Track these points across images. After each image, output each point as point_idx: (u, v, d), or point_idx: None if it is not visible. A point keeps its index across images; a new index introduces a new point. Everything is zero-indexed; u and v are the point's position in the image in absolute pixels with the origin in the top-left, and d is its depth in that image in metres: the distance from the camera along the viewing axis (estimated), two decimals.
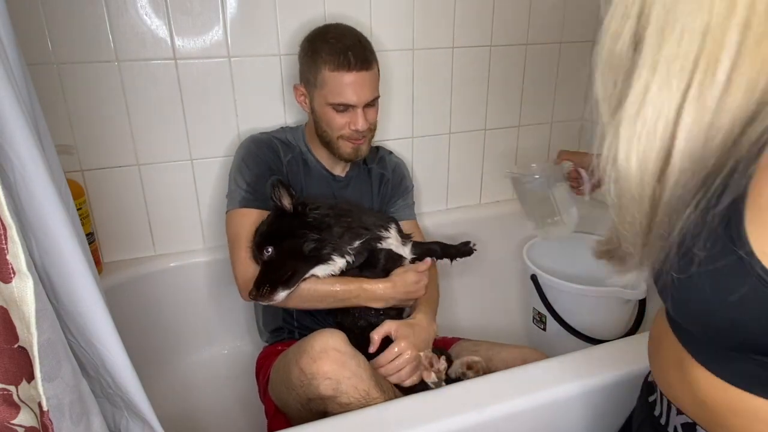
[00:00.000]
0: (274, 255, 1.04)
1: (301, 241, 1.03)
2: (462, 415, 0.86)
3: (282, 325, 1.26)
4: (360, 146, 1.21)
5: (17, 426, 0.49)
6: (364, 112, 1.16)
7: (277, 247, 1.04)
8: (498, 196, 1.80)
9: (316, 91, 1.16)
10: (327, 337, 0.98)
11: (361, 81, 1.13)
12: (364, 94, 1.14)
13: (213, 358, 1.51)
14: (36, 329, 0.49)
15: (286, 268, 1.03)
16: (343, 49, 1.12)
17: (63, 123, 1.26)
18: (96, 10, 1.20)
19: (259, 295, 1.01)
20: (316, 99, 1.17)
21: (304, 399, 0.98)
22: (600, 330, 1.38)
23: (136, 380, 0.71)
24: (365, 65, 1.13)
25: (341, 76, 1.11)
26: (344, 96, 1.13)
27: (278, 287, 1.02)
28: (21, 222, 0.59)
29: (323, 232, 1.05)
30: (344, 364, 0.95)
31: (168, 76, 1.30)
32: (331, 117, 1.16)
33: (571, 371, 0.93)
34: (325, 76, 1.13)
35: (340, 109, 1.15)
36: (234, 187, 1.19)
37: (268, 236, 1.06)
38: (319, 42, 1.15)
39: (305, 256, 1.04)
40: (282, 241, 1.04)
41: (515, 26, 1.59)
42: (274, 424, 1.13)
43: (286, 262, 1.04)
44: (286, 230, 1.05)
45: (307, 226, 1.04)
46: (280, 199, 1.05)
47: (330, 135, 1.19)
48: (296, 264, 1.04)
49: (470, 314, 1.69)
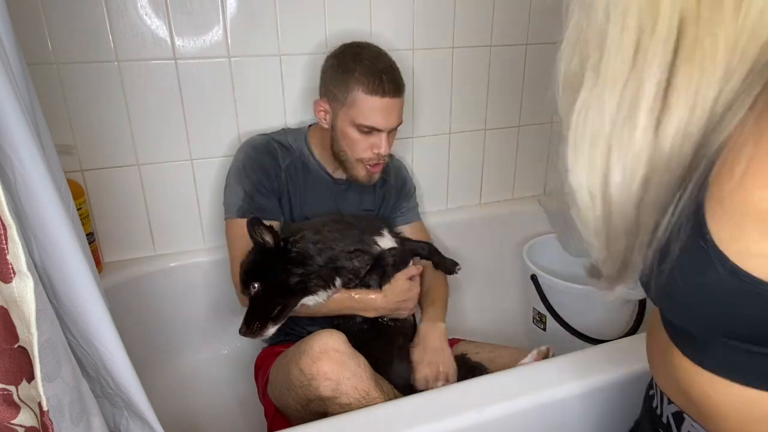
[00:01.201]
0: (260, 292, 1.03)
1: (285, 277, 1.03)
2: (462, 415, 0.86)
3: (281, 327, 1.25)
4: (375, 173, 1.22)
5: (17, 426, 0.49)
6: (387, 136, 1.17)
7: (262, 283, 1.03)
8: (498, 196, 1.80)
9: (343, 109, 1.15)
10: (326, 337, 0.98)
11: (391, 108, 1.13)
12: (392, 121, 1.15)
13: (213, 358, 1.51)
14: (36, 329, 0.49)
15: (274, 303, 1.03)
16: (378, 73, 1.11)
17: (63, 123, 1.25)
18: (96, 10, 1.20)
19: (249, 332, 1.01)
20: (342, 117, 1.16)
21: (304, 400, 0.98)
22: (600, 330, 1.38)
23: (136, 380, 0.71)
24: (398, 92, 1.14)
25: (374, 101, 1.11)
26: (373, 120, 1.13)
27: (267, 323, 1.01)
28: (21, 222, 0.59)
29: (307, 266, 1.04)
30: (344, 365, 0.95)
31: (168, 76, 1.30)
32: (354, 138, 1.16)
33: (571, 371, 0.93)
34: (357, 97, 1.11)
35: (365, 131, 1.15)
36: (232, 195, 1.18)
37: (252, 273, 1.04)
38: (352, 61, 1.13)
39: (292, 290, 1.03)
40: (267, 277, 1.03)
41: (515, 26, 1.59)
42: (273, 424, 1.13)
43: (273, 297, 1.03)
44: (271, 266, 1.04)
45: (290, 261, 1.03)
46: (262, 237, 1.03)
47: (348, 155, 1.19)
48: (284, 299, 1.03)
49: (470, 314, 1.69)
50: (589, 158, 0.46)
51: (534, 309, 1.50)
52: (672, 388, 0.60)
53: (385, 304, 1.11)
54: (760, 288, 0.41)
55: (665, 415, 0.65)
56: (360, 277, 1.10)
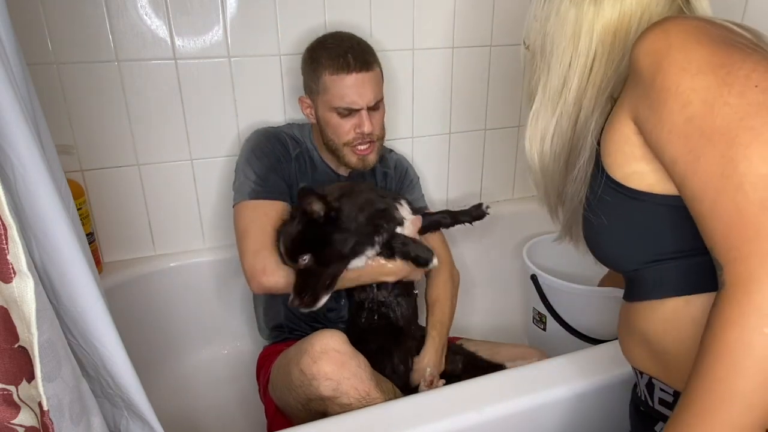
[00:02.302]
0: (311, 263, 1.01)
1: (339, 244, 1.02)
2: (462, 415, 0.86)
3: (283, 322, 1.25)
4: (367, 156, 1.21)
5: (17, 426, 0.49)
6: (369, 115, 1.16)
7: (314, 254, 1.01)
8: (498, 196, 1.80)
9: (319, 98, 1.16)
10: (327, 337, 0.98)
11: (361, 82, 1.13)
12: (366, 95, 1.14)
13: (213, 358, 1.51)
14: (36, 329, 0.49)
15: (326, 273, 1.02)
16: (342, 53, 1.12)
17: (63, 123, 1.25)
18: (96, 10, 1.20)
19: (301, 302, 1.00)
20: (320, 106, 1.17)
21: (304, 399, 0.98)
22: (600, 330, 1.38)
23: (136, 380, 0.71)
24: (365, 66, 1.13)
25: (341, 79, 1.11)
26: (347, 99, 1.13)
27: (320, 293, 1.01)
28: (21, 222, 0.59)
29: (355, 231, 1.03)
30: (344, 365, 0.95)
31: (168, 76, 1.30)
32: (336, 123, 1.16)
33: (571, 371, 0.93)
34: (326, 80, 1.13)
35: (345, 114, 1.15)
36: (243, 179, 1.17)
37: (303, 244, 1.02)
38: (319, 50, 1.16)
39: (344, 256, 1.03)
40: (319, 248, 1.02)
41: (515, 26, 1.58)
42: (274, 424, 1.13)
43: (327, 268, 1.02)
44: (320, 236, 1.02)
45: (339, 229, 1.02)
46: (311, 206, 1.01)
47: (336, 143, 1.19)
48: (336, 267, 1.03)
49: (470, 314, 1.68)
50: (540, 145, 0.76)
51: (534, 309, 1.50)
52: (634, 349, 0.72)
53: (403, 266, 1.10)
54: (641, 196, 0.62)
55: (642, 391, 0.74)
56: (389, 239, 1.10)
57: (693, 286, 0.62)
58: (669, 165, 0.57)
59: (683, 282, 0.63)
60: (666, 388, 0.69)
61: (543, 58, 0.72)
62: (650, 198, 0.62)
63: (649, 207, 0.62)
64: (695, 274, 0.62)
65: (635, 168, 0.62)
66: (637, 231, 0.65)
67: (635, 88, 0.60)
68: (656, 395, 0.71)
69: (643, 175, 0.61)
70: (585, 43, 0.67)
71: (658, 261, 0.65)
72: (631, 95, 0.61)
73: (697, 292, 0.62)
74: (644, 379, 0.73)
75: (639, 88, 0.59)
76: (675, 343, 0.65)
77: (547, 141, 0.74)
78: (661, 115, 0.55)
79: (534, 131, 0.75)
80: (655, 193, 0.61)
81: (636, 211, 0.64)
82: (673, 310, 0.64)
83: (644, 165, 0.61)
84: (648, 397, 0.73)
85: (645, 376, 0.72)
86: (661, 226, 0.63)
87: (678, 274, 0.64)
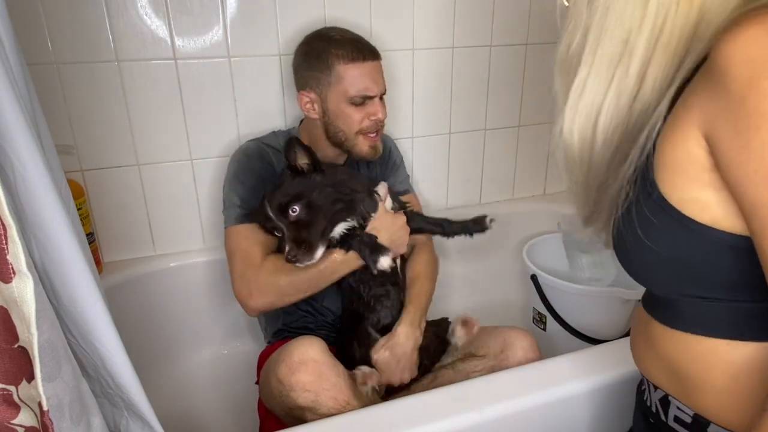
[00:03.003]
0: (303, 213, 0.99)
1: (332, 194, 1.00)
2: (462, 415, 0.86)
3: (282, 328, 1.25)
4: (377, 143, 1.21)
5: (17, 426, 0.49)
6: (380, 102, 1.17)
7: (304, 203, 0.99)
8: (498, 196, 1.80)
9: (331, 88, 1.14)
10: (306, 346, 0.96)
11: (375, 70, 1.16)
12: (380, 83, 1.17)
13: (213, 358, 1.50)
14: (36, 329, 0.49)
15: (320, 222, 1.00)
16: (352, 42, 1.14)
17: (63, 123, 1.25)
18: (96, 10, 1.20)
19: (299, 254, 0.97)
20: (332, 98, 1.15)
21: (286, 408, 0.97)
22: (600, 330, 1.38)
23: (136, 380, 0.71)
24: (376, 55, 1.16)
25: (357, 67, 1.12)
26: (364, 86, 1.13)
27: (317, 243, 0.98)
28: (21, 222, 0.59)
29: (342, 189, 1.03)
30: (322, 375, 0.93)
31: (168, 76, 1.30)
32: (349, 113, 1.15)
33: (571, 371, 0.93)
34: (341, 70, 1.12)
35: (359, 102, 1.15)
36: (229, 205, 1.16)
37: (292, 195, 1.00)
38: (323, 42, 1.15)
39: (335, 211, 1.02)
40: (309, 195, 1.00)
41: (515, 26, 1.59)
42: (266, 425, 1.13)
43: (318, 216, 1.00)
44: (310, 187, 1.01)
45: (326, 183, 1.02)
46: (297, 160, 1.01)
47: (347, 133, 1.17)
48: (328, 218, 1.01)
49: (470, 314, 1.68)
50: (584, 123, 0.59)
51: (534, 309, 1.50)
52: (653, 366, 0.65)
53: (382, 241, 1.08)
54: (700, 230, 0.51)
55: (653, 403, 0.68)
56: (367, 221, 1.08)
57: (742, 332, 0.54)
58: (747, 209, 0.46)
59: (731, 326, 0.55)
60: (684, 408, 0.62)
61: (592, 12, 0.55)
62: (711, 234, 0.50)
63: (707, 243, 0.51)
64: (747, 319, 0.54)
65: (697, 195, 0.50)
66: (685, 263, 0.55)
67: (714, 96, 0.46)
68: (672, 412, 0.64)
69: (707, 206, 0.50)
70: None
71: (704, 298, 0.55)
72: (707, 102, 0.48)
73: (746, 340, 0.54)
74: (658, 394, 0.66)
75: (721, 100, 0.46)
76: (708, 379, 0.57)
77: (600, 119, 0.58)
78: (749, 146, 0.44)
79: (578, 104, 0.58)
80: (719, 229, 0.50)
81: (689, 244, 0.52)
82: (712, 351, 0.56)
83: (710, 194, 0.49)
84: (661, 411, 0.67)
85: (660, 391, 0.66)
86: (717, 265, 0.53)
87: (726, 317, 0.55)
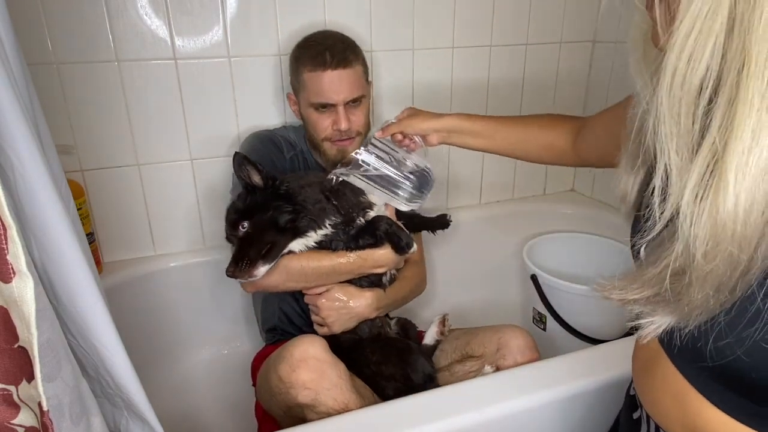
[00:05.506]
0: (249, 230, 0.99)
1: (275, 212, 1.00)
2: (462, 415, 0.86)
3: (277, 325, 1.25)
4: (346, 148, 1.20)
5: (17, 426, 0.49)
6: (346, 111, 1.16)
7: (251, 221, 1.00)
8: (498, 196, 1.80)
9: (300, 95, 1.19)
10: (307, 344, 0.96)
11: (338, 79, 1.13)
12: (342, 92, 1.14)
13: (213, 358, 1.50)
14: (36, 329, 0.49)
15: (264, 241, 0.99)
16: (321, 50, 1.14)
17: (63, 123, 1.25)
18: (96, 10, 1.20)
19: (237, 270, 0.97)
20: (301, 103, 1.19)
21: (285, 406, 0.97)
22: (600, 330, 1.38)
23: (136, 380, 0.71)
24: (342, 63, 1.14)
25: (318, 76, 1.13)
26: (323, 95, 1.14)
27: (257, 261, 0.98)
28: (21, 222, 0.59)
29: (296, 205, 1.02)
30: (323, 374, 0.93)
31: (168, 76, 1.30)
32: (315, 119, 1.18)
33: (571, 371, 0.93)
34: (305, 77, 1.15)
35: (322, 110, 1.16)
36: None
37: (241, 212, 1.01)
38: (302, 47, 1.19)
39: (281, 228, 1.01)
40: (257, 215, 1.00)
41: (515, 26, 1.59)
42: (263, 426, 1.13)
43: (263, 235, 1.00)
44: (260, 204, 1.01)
45: (280, 197, 1.01)
46: (249, 177, 1.01)
47: (316, 138, 1.20)
48: (273, 237, 1.00)
49: (470, 314, 1.68)
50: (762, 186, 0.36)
51: (534, 309, 1.50)
52: (665, 414, 0.56)
53: (393, 256, 1.08)
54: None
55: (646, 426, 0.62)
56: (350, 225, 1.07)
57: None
58: None
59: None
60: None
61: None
62: None
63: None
64: None
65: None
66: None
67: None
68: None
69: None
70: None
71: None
72: None
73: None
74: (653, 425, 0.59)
75: None
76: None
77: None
78: None
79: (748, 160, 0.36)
80: None
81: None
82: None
83: None
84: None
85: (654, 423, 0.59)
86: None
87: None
